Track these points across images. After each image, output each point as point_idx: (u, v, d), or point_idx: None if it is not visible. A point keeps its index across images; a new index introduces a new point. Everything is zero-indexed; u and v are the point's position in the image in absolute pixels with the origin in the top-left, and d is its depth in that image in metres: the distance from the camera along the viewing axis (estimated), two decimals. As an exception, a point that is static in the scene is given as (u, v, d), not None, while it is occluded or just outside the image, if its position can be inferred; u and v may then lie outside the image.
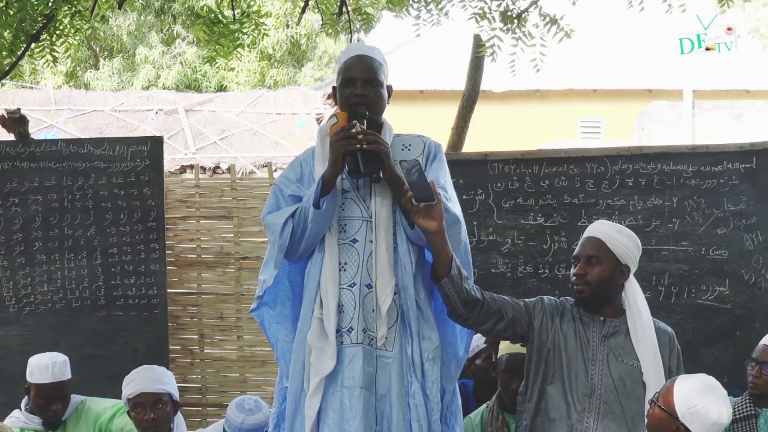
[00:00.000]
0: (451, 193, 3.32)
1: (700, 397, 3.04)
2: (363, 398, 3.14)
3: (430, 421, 3.18)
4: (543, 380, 3.34)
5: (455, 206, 3.27)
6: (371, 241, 3.19)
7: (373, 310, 3.17)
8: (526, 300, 3.44)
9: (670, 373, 3.32)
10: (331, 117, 3.27)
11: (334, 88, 3.36)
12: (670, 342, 3.38)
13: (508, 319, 3.33)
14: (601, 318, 3.36)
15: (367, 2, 7.23)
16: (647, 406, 3.15)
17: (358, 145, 3.11)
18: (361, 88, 3.23)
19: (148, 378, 4.20)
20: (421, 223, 3.08)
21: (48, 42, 5.34)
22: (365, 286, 3.18)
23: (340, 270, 3.19)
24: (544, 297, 3.47)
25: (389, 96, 3.35)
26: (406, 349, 3.19)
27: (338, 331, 3.17)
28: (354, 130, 3.12)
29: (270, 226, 3.26)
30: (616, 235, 3.37)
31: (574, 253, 3.41)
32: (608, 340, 3.33)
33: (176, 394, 4.30)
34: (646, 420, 3.15)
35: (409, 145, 3.34)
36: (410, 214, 3.10)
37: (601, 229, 3.41)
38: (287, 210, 3.25)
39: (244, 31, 5.31)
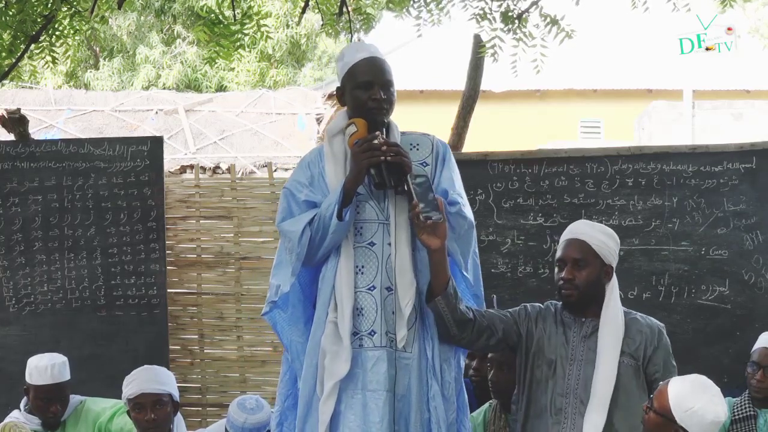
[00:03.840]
0: (464, 197, 3.29)
1: (695, 398, 3.03)
2: (389, 402, 3.13)
3: (449, 422, 3.19)
4: (529, 385, 3.36)
5: (470, 210, 3.27)
6: (389, 244, 3.17)
7: (393, 313, 3.16)
8: (510, 310, 3.44)
9: (654, 368, 3.31)
10: (349, 123, 3.22)
11: (338, 89, 3.31)
12: (656, 337, 3.33)
13: (499, 334, 3.33)
14: (583, 319, 3.35)
15: (368, 2, 7.22)
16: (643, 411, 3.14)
17: (382, 157, 3.08)
18: (380, 93, 3.18)
19: (148, 378, 4.19)
20: (425, 239, 3.08)
21: (47, 43, 5.34)
22: (385, 288, 3.17)
23: (356, 273, 3.18)
24: (527, 305, 3.46)
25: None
26: (425, 351, 3.20)
27: (356, 334, 3.16)
28: (376, 141, 3.09)
29: (287, 233, 3.23)
30: (599, 236, 3.35)
31: (558, 255, 3.38)
32: (588, 340, 3.32)
33: (176, 395, 4.29)
34: (642, 425, 3.13)
35: (417, 144, 3.32)
36: (416, 229, 3.09)
37: (584, 230, 3.37)
38: (304, 217, 3.20)
39: (245, 31, 5.30)
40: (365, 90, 3.20)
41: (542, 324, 3.38)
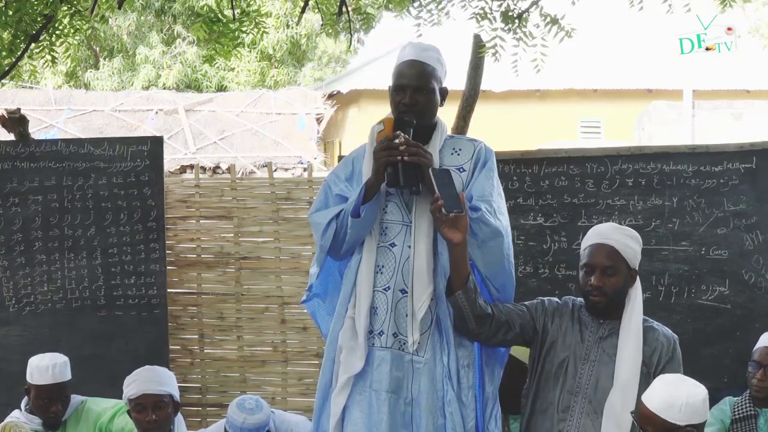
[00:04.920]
0: (498, 204, 3.28)
1: (675, 393, 2.99)
2: (389, 402, 3.17)
3: (466, 429, 3.20)
4: (539, 380, 3.36)
5: (500, 219, 3.25)
6: (409, 246, 3.20)
7: (407, 315, 3.19)
8: (527, 303, 3.43)
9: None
10: (380, 122, 3.27)
11: (389, 87, 3.35)
12: (671, 349, 3.33)
13: (516, 329, 3.33)
14: (601, 320, 3.35)
15: (368, 2, 7.21)
16: None
17: (399, 157, 3.11)
18: (409, 97, 3.21)
19: (149, 379, 4.19)
20: (446, 233, 3.09)
21: (47, 42, 5.33)
22: (399, 290, 3.20)
23: (376, 273, 3.22)
24: (545, 299, 3.46)
25: (444, 98, 3.33)
26: (441, 356, 3.21)
27: (370, 332, 3.21)
28: (397, 141, 3.12)
29: (314, 225, 3.31)
30: (627, 241, 3.33)
31: (586, 260, 3.34)
32: (603, 342, 3.32)
33: (177, 395, 4.30)
34: None
35: (459, 149, 3.34)
36: (436, 222, 3.11)
37: (612, 236, 3.34)
38: (332, 210, 3.27)
39: (244, 29, 5.29)
40: (398, 93, 3.25)
41: (558, 320, 3.38)
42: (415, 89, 3.22)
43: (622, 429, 3.20)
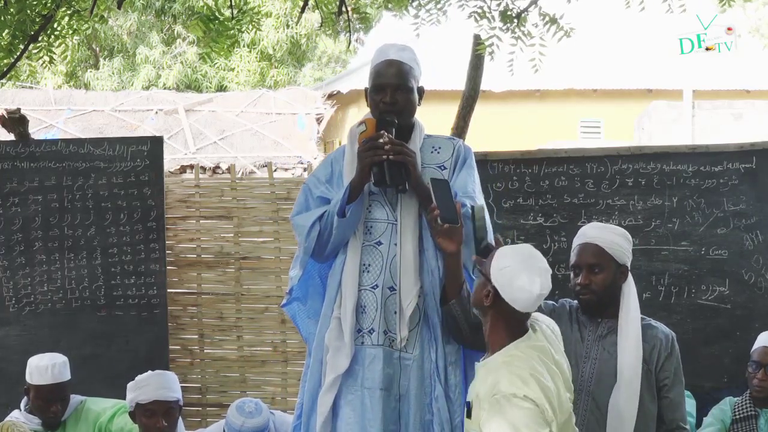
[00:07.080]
0: (481, 202, 3.30)
1: (513, 259, 2.83)
2: (382, 400, 3.17)
3: (453, 425, 3.20)
4: None
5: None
6: (396, 244, 3.21)
7: (396, 313, 3.20)
8: None
9: (664, 374, 3.32)
10: (360, 123, 3.28)
11: (365, 89, 3.36)
12: (670, 344, 3.34)
13: None
14: (599, 319, 3.36)
15: (367, 2, 7.21)
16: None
17: (384, 156, 3.13)
18: (390, 96, 3.23)
19: (161, 386, 4.19)
20: (441, 243, 3.12)
21: (46, 43, 5.33)
22: (388, 288, 3.21)
23: (362, 272, 3.23)
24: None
25: (421, 97, 3.35)
26: (429, 353, 3.22)
27: (359, 331, 3.22)
28: (381, 141, 3.14)
29: (297, 227, 3.31)
30: (612, 237, 3.35)
31: (573, 261, 3.38)
32: (603, 340, 3.33)
33: (181, 398, 4.32)
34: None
35: (439, 147, 3.36)
36: (433, 232, 3.14)
37: (596, 234, 3.37)
38: (315, 212, 3.28)
39: (241, 28, 5.29)
40: (378, 92, 3.27)
41: (556, 321, 3.38)
42: (395, 88, 3.24)
43: (626, 426, 3.20)
